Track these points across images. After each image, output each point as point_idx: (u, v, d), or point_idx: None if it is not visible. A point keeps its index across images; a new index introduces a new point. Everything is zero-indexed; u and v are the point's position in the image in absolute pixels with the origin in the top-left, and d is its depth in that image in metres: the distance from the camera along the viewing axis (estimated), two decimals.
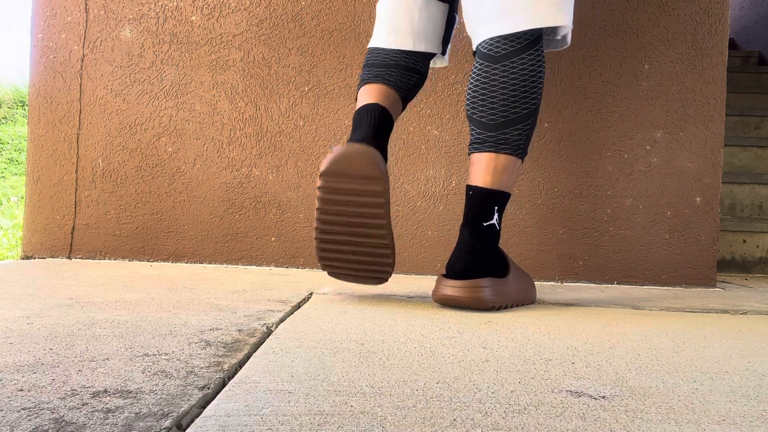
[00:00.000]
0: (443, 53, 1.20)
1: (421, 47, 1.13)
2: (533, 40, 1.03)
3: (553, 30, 1.09)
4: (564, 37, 1.11)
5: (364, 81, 1.12)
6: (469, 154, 1.07)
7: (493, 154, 1.02)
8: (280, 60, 1.53)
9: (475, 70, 1.06)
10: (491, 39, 1.04)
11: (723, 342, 0.84)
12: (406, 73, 1.12)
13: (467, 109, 1.07)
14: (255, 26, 1.53)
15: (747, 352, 0.79)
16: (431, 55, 1.17)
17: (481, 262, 1.01)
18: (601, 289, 1.40)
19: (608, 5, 1.53)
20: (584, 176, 1.52)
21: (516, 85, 1.02)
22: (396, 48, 1.13)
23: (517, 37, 1.03)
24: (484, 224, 1.02)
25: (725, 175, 2.16)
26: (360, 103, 1.09)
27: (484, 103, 1.03)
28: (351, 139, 1.01)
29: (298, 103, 1.53)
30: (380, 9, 1.17)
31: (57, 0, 1.54)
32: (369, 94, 1.08)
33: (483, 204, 1.02)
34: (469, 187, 1.04)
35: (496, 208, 1.02)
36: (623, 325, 0.94)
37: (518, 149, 1.03)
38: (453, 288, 0.99)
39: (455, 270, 1.01)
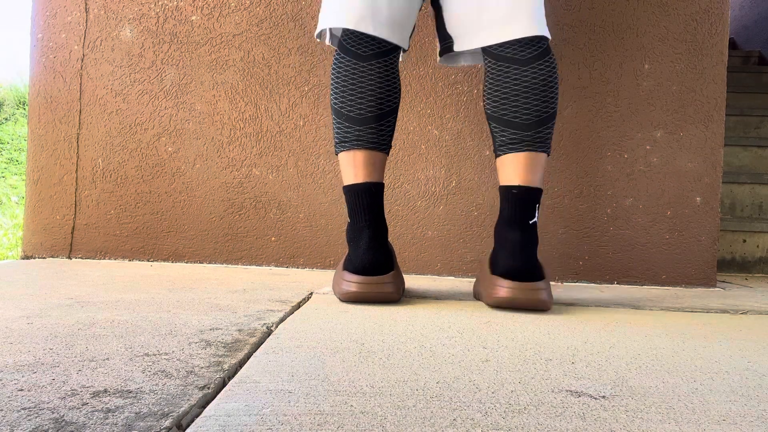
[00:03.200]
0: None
1: (395, 39, 1.08)
2: (547, 45, 1.05)
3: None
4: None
5: (344, 142, 1.08)
6: (498, 156, 1.06)
7: (532, 153, 1.03)
8: (280, 60, 1.53)
9: (499, 71, 1.04)
10: (513, 41, 1.03)
11: (723, 342, 0.84)
12: (386, 117, 1.08)
13: (493, 110, 1.05)
14: (255, 26, 1.53)
15: (747, 352, 0.79)
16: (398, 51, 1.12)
17: (537, 263, 1.01)
18: (601, 289, 1.40)
19: (608, 5, 1.53)
20: (584, 176, 1.52)
21: (546, 85, 1.03)
22: (371, 34, 1.05)
23: (538, 40, 1.04)
24: (530, 222, 1.02)
25: (725, 175, 2.16)
26: (348, 176, 1.08)
27: (516, 103, 1.03)
28: (361, 260, 1.03)
29: (298, 103, 1.53)
30: None
31: (57, 0, 1.54)
32: (357, 168, 1.07)
33: (528, 203, 1.02)
34: (509, 188, 1.03)
35: (537, 205, 1.03)
36: (623, 325, 0.94)
37: (548, 147, 1.05)
38: (514, 290, 0.99)
39: (516, 270, 1.00)
